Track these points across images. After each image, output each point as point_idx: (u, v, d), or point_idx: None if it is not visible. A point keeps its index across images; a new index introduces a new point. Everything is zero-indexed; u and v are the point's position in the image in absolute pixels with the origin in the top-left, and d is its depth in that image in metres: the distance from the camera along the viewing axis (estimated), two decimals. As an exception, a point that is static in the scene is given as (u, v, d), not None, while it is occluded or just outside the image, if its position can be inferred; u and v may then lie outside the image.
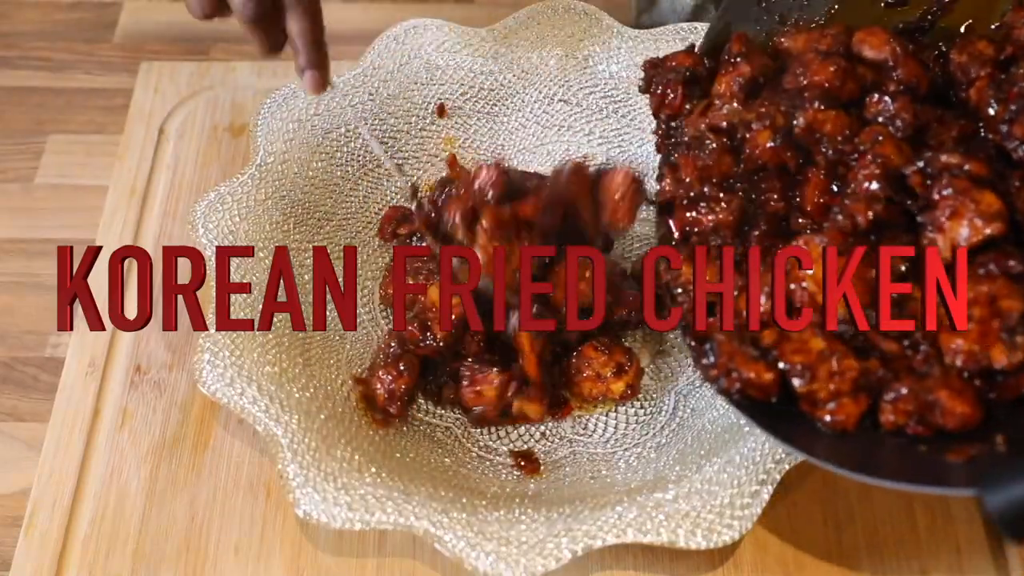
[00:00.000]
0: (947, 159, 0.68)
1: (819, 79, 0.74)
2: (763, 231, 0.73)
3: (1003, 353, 0.63)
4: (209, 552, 0.79)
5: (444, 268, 0.83)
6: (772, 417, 0.68)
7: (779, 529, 0.81)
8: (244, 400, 0.76)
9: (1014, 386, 0.65)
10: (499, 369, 0.82)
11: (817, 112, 0.73)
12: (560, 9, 0.99)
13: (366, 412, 0.83)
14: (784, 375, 0.68)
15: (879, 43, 0.76)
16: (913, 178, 0.69)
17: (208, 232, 0.84)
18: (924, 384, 0.65)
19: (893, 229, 0.70)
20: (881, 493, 0.82)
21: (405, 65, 0.97)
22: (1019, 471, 0.60)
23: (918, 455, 0.64)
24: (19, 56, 1.13)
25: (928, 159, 0.69)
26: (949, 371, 0.65)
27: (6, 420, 0.88)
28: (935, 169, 0.69)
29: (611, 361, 0.84)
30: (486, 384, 0.82)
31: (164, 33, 1.15)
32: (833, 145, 0.72)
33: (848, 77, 0.74)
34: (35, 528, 0.80)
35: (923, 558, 0.80)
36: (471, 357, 0.84)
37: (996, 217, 0.66)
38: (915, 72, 0.75)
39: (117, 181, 1.00)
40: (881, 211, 0.69)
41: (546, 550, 0.70)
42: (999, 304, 0.64)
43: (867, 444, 0.66)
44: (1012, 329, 0.63)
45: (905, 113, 0.72)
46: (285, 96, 0.94)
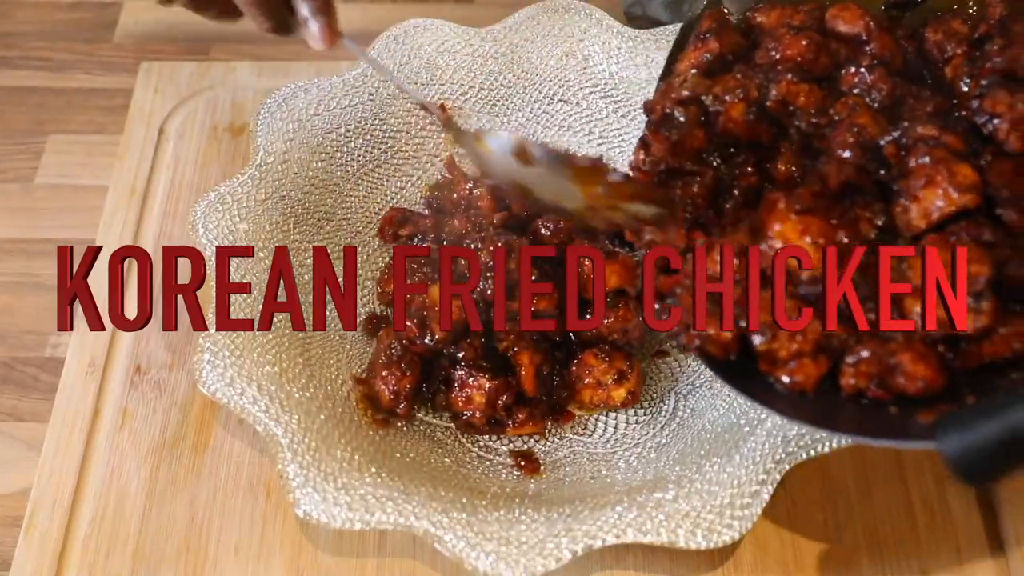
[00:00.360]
0: (923, 130, 0.68)
1: (791, 53, 0.74)
2: (737, 204, 0.73)
3: (967, 318, 0.63)
4: (209, 552, 0.80)
5: (444, 268, 0.83)
6: (736, 375, 0.68)
7: (779, 529, 0.81)
8: (244, 400, 0.76)
9: (977, 353, 0.64)
10: (490, 376, 0.82)
11: (791, 84, 0.73)
12: (560, 9, 0.99)
13: (366, 412, 0.83)
14: (744, 333, 0.67)
15: (853, 18, 0.76)
16: (888, 148, 0.69)
17: (208, 232, 0.84)
18: (887, 347, 0.64)
19: (865, 196, 0.69)
20: (881, 493, 0.82)
21: (405, 65, 0.97)
22: (973, 415, 0.60)
23: (879, 413, 0.64)
24: (19, 56, 1.13)
25: (904, 129, 0.69)
26: (912, 335, 0.64)
27: (6, 420, 0.88)
28: (911, 140, 0.68)
29: (612, 368, 0.84)
30: (476, 390, 0.82)
31: (164, 33, 1.15)
32: (806, 119, 0.72)
33: (821, 51, 0.74)
34: (35, 528, 0.81)
35: (923, 558, 0.80)
36: (466, 362, 0.84)
37: (971, 189, 0.65)
38: (889, 47, 0.74)
39: (117, 181, 1.00)
40: (853, 174, 0.68)
41: (546, 550, 0.70)
42: (968, 269, 0.63)
43: (828, 404, 0.66)
44: (979, 294, 0.63)
45: (882, 84, 0.72)
46: (285, 96, 0.94)
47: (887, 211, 0.68)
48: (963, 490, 0.83)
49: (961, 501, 0.82)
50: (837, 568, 0.79)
